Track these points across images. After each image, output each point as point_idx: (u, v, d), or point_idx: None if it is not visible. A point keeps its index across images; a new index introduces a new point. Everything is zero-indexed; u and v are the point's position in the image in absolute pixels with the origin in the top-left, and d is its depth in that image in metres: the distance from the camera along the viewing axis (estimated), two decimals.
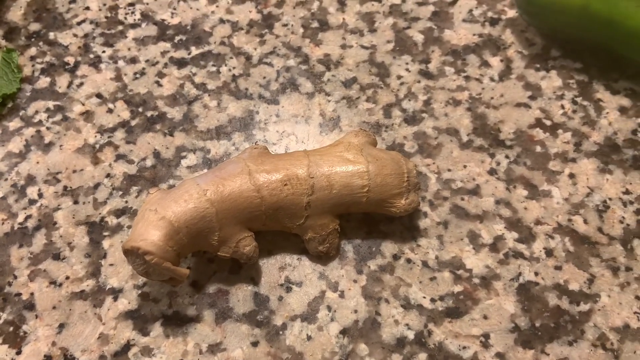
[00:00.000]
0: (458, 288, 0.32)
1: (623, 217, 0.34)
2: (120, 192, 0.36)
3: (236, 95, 0.40)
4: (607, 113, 0.38)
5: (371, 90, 0.40)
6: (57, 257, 0.34)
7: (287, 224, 0.32)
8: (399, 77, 0.41)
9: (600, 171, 0.36)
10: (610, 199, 0.35)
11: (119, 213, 0.35)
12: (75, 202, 0.36)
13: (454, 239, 0.34)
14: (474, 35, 0.43)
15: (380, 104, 0.40)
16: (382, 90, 0.40)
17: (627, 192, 0.35)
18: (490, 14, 0.44)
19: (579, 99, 0.39)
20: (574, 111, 0.39)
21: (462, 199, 0.35)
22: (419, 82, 0.41)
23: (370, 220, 0.35)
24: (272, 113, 0.39)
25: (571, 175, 0.36)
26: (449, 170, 0.37)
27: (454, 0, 0.44)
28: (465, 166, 0.37)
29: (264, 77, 0.41)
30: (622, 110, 0.39)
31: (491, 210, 0.35)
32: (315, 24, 0.44)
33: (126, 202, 0.36)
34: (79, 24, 0.44)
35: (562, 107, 0.39)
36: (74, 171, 0.37)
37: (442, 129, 0.38)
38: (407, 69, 0.41)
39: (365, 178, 0.32)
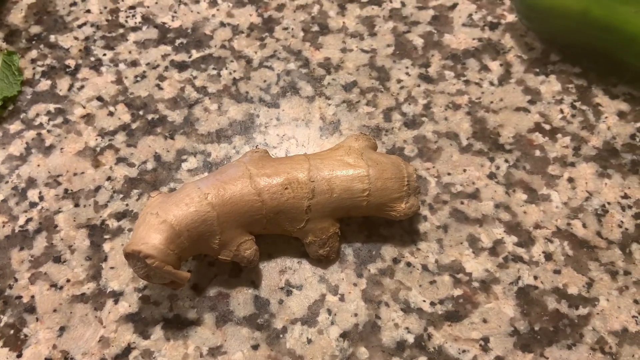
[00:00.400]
0: (458, 292, 0.33)
1: (622, 222, 0.35)
2: (121, 195, 0.36)
3: (237, 99, 0.40)
4: (606, 118, 0.39)
5: (371, 94, 0.40)
6: (57, 260, 0.34)
7: (287, 227, 0.32)
8: (399, 81, 0.41)
9: (599, 175, 0.36)
10: (609, 203, 0.35)
11: (119, 216, 0.35)
12: (76, 205, 0.36)
13: (453, 242, 0.34)
14: (474, 39, 0.43)
15: (380, 107, 0.40)
16: (382, 94, 0.40)
17: (625, 197, 0.35)
18: (489, 18, 0.44)
19: (578, 104, 0.39)
20: (573, 115, 0.39)
21: (462, 203, 0.36)
22: (418, 86, 0.41)
23: (370, 224, 0.35)
24: (272, 116, 0.39)
25: (570, 180, 0.36)
26: (449, 174, 0.37)
27: (453, 4, 0.45)
28: (464, 170, 0.37)
29: (265, 81, 0.41)
30: (621, 114, 0.39)
31: (491, 214, 0.35)
32: (315, 28, 0.44)
33: (127, 205, 0.36)
34: (79, 26, 0.44)
35: (561, 111, 0.39)
36: (75, 174, 0.37)
37: (442, 133, 0.38)
38: (407, 73, 0.41)
39: (366, 182, 0.32)
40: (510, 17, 0.44)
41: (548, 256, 0.34)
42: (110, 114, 0.40)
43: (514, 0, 0.41)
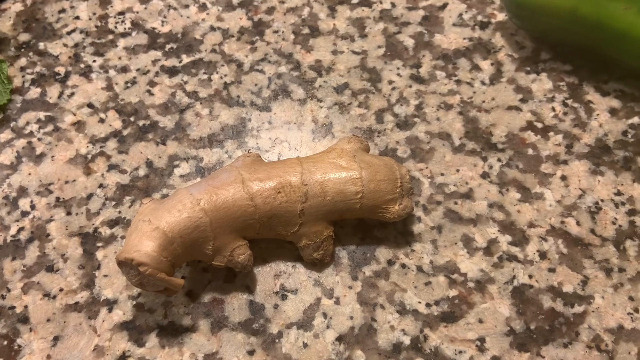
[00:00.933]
0: (453, 292, 0.32)
1: (615, 218, 0.35)
2: (114, 203, 0.36)
3: (228, 103, 0.40)
4: (598, 115, 0.39)
5: (363, 95, 0.40)
6: (50, 269, 0.34)
7: (281, 231, 0.32)
8: (391, 82, 0.41)
9: (592, 173, 0.36)
10: (602, 200, 0.35)
11: (112, 223, 0.35)
12: (68, 213, 0.36)
13: (448, 243, 0.34)
14: (464, 39, 0.43)
15: (372, 109, 0.40)
16: (374, 95, 0.40)
17: (618, 193, 0.35)
18: (480, 17, 0.44)
19: (569, 101, 0.39)
20: (565, 113, 0.39)
21: (456, 203, 0.36)
22: (410, 86, 0.41)
23: (364, 226, 0.35)
24: (264, 120, 0.39)
25: (563, 178, 0.36)
26: (442, 174, 0.37)
27: (443, 4, 0.45)
28: (458, 170, 0.37)
29: (256, 84, 0.41)
30: (612, 111, 0.39)
31: (484, 213, 0.35)
32: (306, 30, 0.44)
33: (119, 212, 0.36)
34: (69, 33, 0.44)
35: (553, 109, 0.39)
36: (66, 182, 0.37)
37: (435, 134, 0.38)
38: (398, 74, 0.41)
39: (359, 184, 0.32)
40: (501, 16, 0.44)
41: (542, 255, 0.34)
42: (101, 120, 0.39)
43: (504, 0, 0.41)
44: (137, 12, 0.45)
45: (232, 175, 0.32)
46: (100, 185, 0.37)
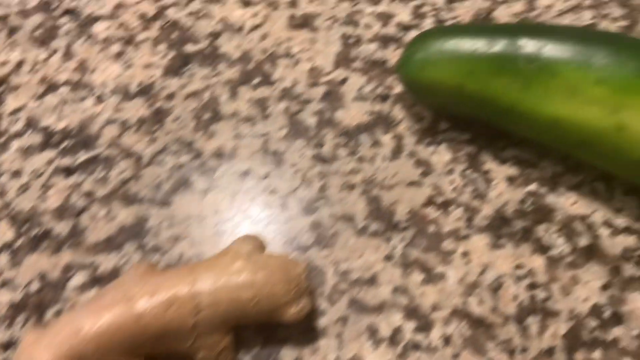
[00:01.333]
0: None
1: (516, 294, 0.35)
2: (6, 324, 0.34)
3: (126, 201, 0.39)
4: (496, 184, 0.39)
5: (266, 180, 0.40)
6: None
7: (175, 347, 0.31)
8: (293, 164, 0.41)
9: (492, 247, 0.37)
10: (503, 275, 0.35)
11: (4, 347, 0.33)
12: None
13: (353, 334, 0.34)
14: (365, 113, 0.43)
15: (275, 194, 0.39)
16: (278, 179, 0.40)
17: (518, 267, 0.36)
18: (379, 90, 0.44)
19: (468, 172, 0.40)
20: (464, 185, 0.39)
21: (360, 291, 0.35)
22: (313, 167, 0.40)
23: (267, 326, 0.34)
24: (164, 217, 0.38)
25: (464, 254, 0.36)
26: (346, 260, 0.36)
27: (344, 79, 0.45)
28: (361, 255, 0.37)
29: (155, 178, 0.40)
30: (510, 179, 0.39)
31: (389, 299, 0.35)
32: (207, 115, 0.43)
33: (12, 334, 0.34)
34: None
35: (452, 182, 0.39)
36: None
37: (338, 216, 0.38)
38: (301, 155, 0.41)
39: (253, 290, 0.31)
40: (399, 87, 0.44)
41: (447, 340, 0.33)
42: None
43: (399, 74, 0.42)
44: (32, 109, 0.44)
45: (120, 293, 0.31)
46: None
